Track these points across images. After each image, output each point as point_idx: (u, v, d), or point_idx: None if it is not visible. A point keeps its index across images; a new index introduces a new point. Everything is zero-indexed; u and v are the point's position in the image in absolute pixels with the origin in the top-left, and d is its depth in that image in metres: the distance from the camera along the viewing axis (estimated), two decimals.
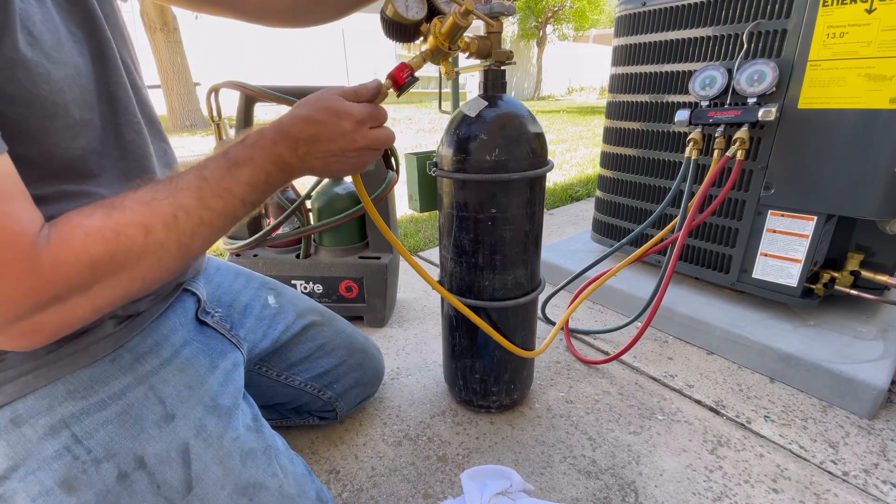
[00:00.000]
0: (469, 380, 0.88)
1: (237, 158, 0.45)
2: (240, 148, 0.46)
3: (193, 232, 0.42)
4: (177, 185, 0.42)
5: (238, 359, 0.61)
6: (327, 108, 0.48)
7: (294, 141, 0.47)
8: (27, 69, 0.36)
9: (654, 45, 1.15)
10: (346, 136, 0.48)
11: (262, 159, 0.46)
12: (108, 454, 0.44)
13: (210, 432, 0.50)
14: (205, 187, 0.43)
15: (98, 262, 0.36)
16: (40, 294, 0.34)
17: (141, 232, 0.38)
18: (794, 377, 0.97)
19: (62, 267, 0.35)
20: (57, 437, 0.43)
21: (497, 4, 0.65)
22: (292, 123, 0.47)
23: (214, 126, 1.17)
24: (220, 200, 0.43)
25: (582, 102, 11.49)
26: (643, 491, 0.74)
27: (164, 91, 6.02)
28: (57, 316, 0.36)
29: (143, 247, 0.39)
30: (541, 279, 0.86)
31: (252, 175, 0.45)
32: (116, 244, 0.37)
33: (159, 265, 0.41)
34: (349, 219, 1.06)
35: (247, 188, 0.45)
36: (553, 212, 2.28)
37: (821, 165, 0.92)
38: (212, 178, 0.43)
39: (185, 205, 0.41)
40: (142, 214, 0.39)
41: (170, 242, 0.40)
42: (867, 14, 0.81)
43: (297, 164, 0.48)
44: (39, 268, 0.34)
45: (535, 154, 0.73)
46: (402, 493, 0.74)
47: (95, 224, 0.37)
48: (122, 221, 0.38)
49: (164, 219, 0.40)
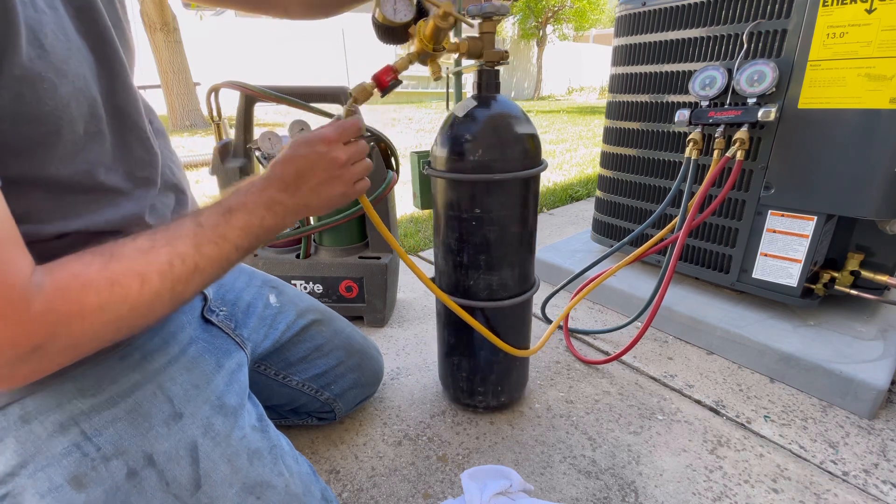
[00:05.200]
0: (457, 377, 0.89)
1: (231, 206, 0.47)
2: (233, 196, 0.48)
3: (188, 279, 0.42)
4: (175, 233, 0.43)
5: (242, 359, 0.61)
6: (302, 142, 0.52)
7: (280, 180, 0.50)
8: (32, 85, 0.35)
9: (654, 45, 1.15)
10: (325, 157, 0.52)
11: (255, 204, 0.48)
12: (118, 451, 0.44)
13: (217, 431, 0.50)
14: (201, 234, 0.44)
15: (90, 312, 0.36)
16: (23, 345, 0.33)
17: (137, 282, 0.38)
18: (794, 377, 0.97)
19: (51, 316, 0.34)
20: (66, 434, 0.43)
21: (488, 5, 0.65)
22: (276, 166, 0.51)
23: (214, 126, 1.17)
24: (214, 247, 0.44)
25: (582, 102, 11.49)
26: (643, 491, 0.74)
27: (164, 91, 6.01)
28: (34, 365, 0.35)
29: (137, 297, 0.39)
30: (535, 280, 0.85)
31: (246, 220, 0.47)
32: (110, 295, 0.37)
33: (150, 314, 0.41)
34: (349, 219, 1.06)
35: (240, 233, 0.47)
36: (553, 212, 2.28)
37: (821, 165, 0.92)
38: (207, 224, 0.45)
39: (182, 252, 0.42)
40: (139, 263, 0.39)
41: (164, 291, 0.41)
42: (867, 14, 0.81)
43: (290, 202, 0.50)
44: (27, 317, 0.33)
45: (527, 154, 0.73)
46: (402, 493, 0.74)
47: (93, 275, 0.36)
48: (119, 271, 0.38)
49: (160, 267, 0.40)
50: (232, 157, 1.16)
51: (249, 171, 1.18)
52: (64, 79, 0.38)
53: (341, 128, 0.54)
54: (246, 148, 1.16)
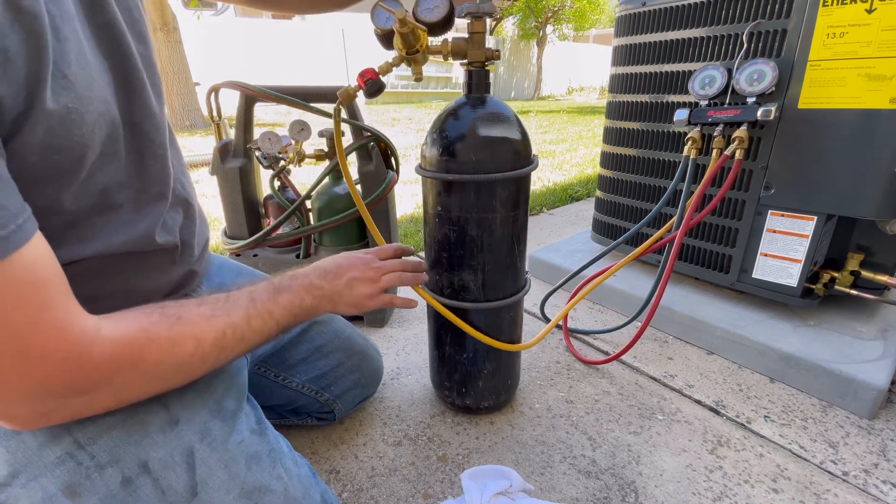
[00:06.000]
0: (440, 374, 0.89)
1: (280, 286, 0.54)
2: (283, 278, 0.56)
3: (233, 348, 0.47)
4: (233, 304, 0.48)
5: (241, 361, 0.60)
6: (349, 253, 0.65)
7: (324, 271, 0.59)
8: (61, 118, 0.35)
9: (654, 45, 1.15)
10: (362, 260, 0.63)
11: (299, 287, 0.55)
12: (112, 459, 0.44)
13: (215, 436, 0.50)
14: (251, 308, 0.49)
15: (147, 366, 0.39)
16: (78, 383, 0.35)
17: (193, 345, 0.42)
18: (794, 377, 0.97)
19: (112, 364, 0.36)
20: (59, 443, 0.43)
21: (470, 5, 0.65)
22: (322, 261, 0.61)
23: (214, 126, 1.17)
24: (261, 321, 0.49)
25: (582, 102, 11.49)
26: (643, 491, 0.74)
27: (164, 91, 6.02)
28: (76, 407, 0.38)
29: (188, 359, 0.42)
30: (525, 281, 0.85)
31: (290, 300, 0.53)
32: (169, 354, 0.40)
33: (191, 375, 0.45)
34: (349, 219, 1.06)
35: (283, 312, 0.52)
36: (553, 212, 2.28)
37: (821, 165, 0.92)
38: (259, 300, 0.50)
39: (235, 322, 0.46)
40: (200, 329, 0.43)
41: (210, 357, 0.44)
42: (867, 14, 0.81)
43: (326, 288, 0.58)
44: (90, 360, 0.35)
45: (516, 155, 0.72)
46: (402, 493, 0.74)
47: (160, 332, 0.40)
48: (183, 334, 0.41)
49: (215, 335, 0.44)
50: (232, 157, 1.16)
51: (249, 171, 1.18)
52: (89, 105, 0.38)
53: (381, 248, 0.68)
54: (246, 148, 1.16)
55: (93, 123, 0.38)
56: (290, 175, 1.19)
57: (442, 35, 0.67)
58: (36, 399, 0.35)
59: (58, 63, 0.35)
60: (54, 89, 0.34)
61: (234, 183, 1.16)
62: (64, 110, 0.35)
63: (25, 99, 0.32)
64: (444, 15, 0.62)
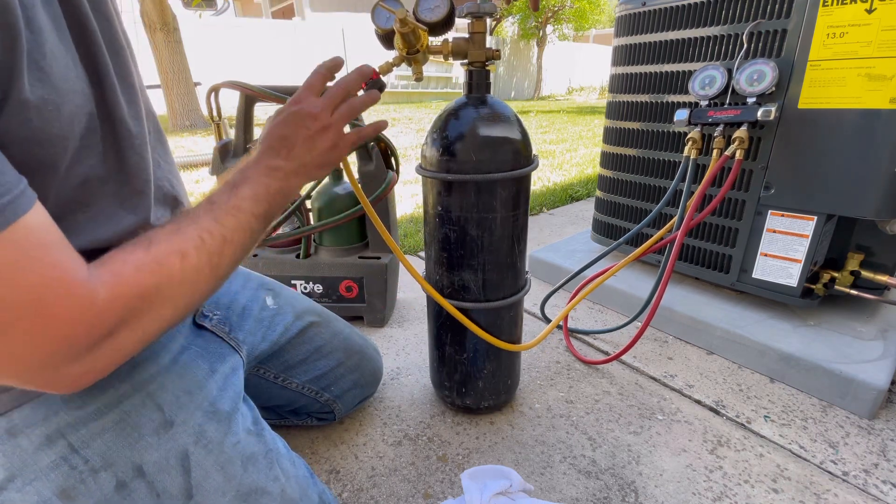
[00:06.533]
0: (440, 374, 0.89)
1: (234, 181, 0.49)
2: (235, 173, 0.50)
3: (220, 251, 0.44)
4: (194, 215, 0.45)
5: (237, 362, 0.60)
6: (276, 111, 0.54)
7: (269, 148, 0.51)
8: (38, 109, 0.35)
9: (654, 45, 1.15)
10: (299, 114, 0.52)
11: (255, 174, 0.49)
12: (106, 463, 0.44)
13: (210, 438, 0.49)
14: (217, 209, 0.46)
15: (147, 293, 0.38)
16: (97, 332, 0.35)
17: (178, 259, 0.40)
18: (794, 377, 0.97)
19: (118, 301, 0.36)
20: (53, 447, 0.43)
21: (471, 5, 0.65)
22: (261, 140, 0.52)
23: (214, 126, 1.17)
24: (233, 218, 0.46)
25: (582, 102, 11.49)
26: (643, 491, 0.74)
27: (164, 91, 6.01)
28: (109, 352, 0.37)
29: (181, 273, 0.40)
30: (525, 281, 0.85)
31: (252, 190, 0.48)
32: (161, 275, 0.39)
33: (195, 289, 0.43)
34: (349, 219, 1.06)
35: (252, 202, 0.48)
36: (553, 212, 2.28)
37: (821, 165, 0.92)
38: (219, 201, 0.47)
39: (207, 227, 0.44)
40: (175, 243, 0.41)
41: (202, 265, 0.42)
42: (867, 14, 0.81)
43: (286, 164, 0.51)
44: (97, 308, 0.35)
45: (517, 155, 0.72)
46: (402, 493, 0.74)
47: (141, 257, 0.38)
48: (162, 251, 0.40)
49: (193, 243, 0.42)
50: (232, 157, 1.16)
51: None
52: (66, 97, 0.37)
53: (307, 84, 0.55)
54: (246, 148, 1.16)
55: (70, 115, 0.38)
56: None
57: (442, 35, 0.67)
58: (70, 357, 0.35)
59: (32, 54, 0.34)
60: (30, 81, 0.34)
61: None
62: (41, 102, 0.35)
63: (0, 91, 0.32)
64: (444, 15, 0.62)
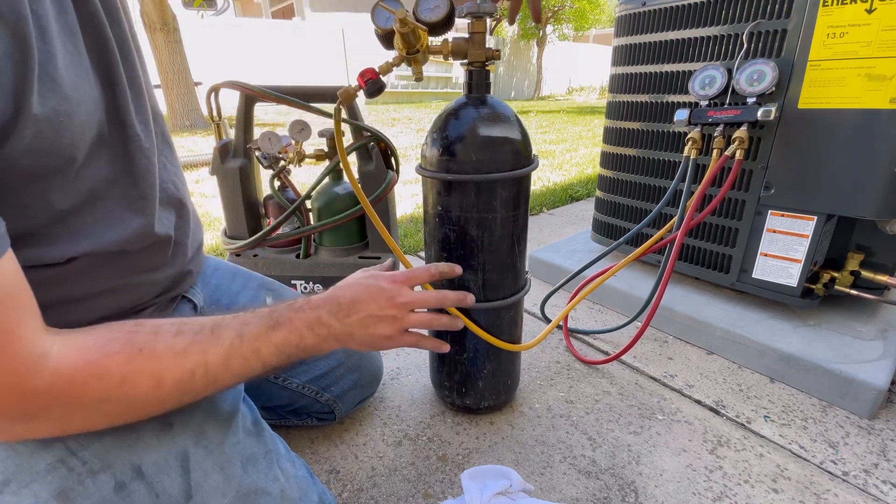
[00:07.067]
0: (440, 374, 0.89)
1: (280, 319, 0.47)
2: (284, 310, 0.49)
3: (199, 391, 0.42)
4: (215, 338, 0.43)
5: None
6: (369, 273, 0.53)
7: (336, 303, 0.51)
8: (49, 121, 0.34)
9: (654, 45, 1.15)
10: (385, 293, 0.52)
11: (301, 322, 0.48)
12: (105, 465, 0.44)
13: (210, 439, 0.49)
14: (236, 345, 0.44)
15: (90, 402, 0.36)
16: (16, 413, 0.34)
17: (149, 385, 0.38)
18: (794, 377, 0.97)
19: (49, 397, 0.34)
20: (50, 450, 0.43)
21: (471, 5, 0.65)
22: (336, 288, 0.52)
23: (214, 126, 1.17)
24: (242, 362, 0.44)
25: (582, 102, 11.49)
26: (643, 491, 0.74)
27: (164, 91, 6.01)
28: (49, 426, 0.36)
29: (142, 398, 0.39)
30: (525, 281, 0.85)
31: (285, 338, 0.47)
32: (118, 391, 0.37)
33: (145, 413, 0.41)
34: (349, 219, 1.06)
35: (274, 351, 0.46)
36: (553, 212, 2.28)
37: (821, 165, 0.92)
38: (248, 335, 0.45)
39: (209, 362, 0.42)
40: (164, 367, 0.39)
41: (170, 400, 0.41)
42: (867, 14, 0.81)
43: (336, 326, 0.50)
44: (26, 389, 0.33)
45: (517, 155, 0.72)
46: (402, 493, 0.74)
47: (111, 367, 0.36)
48: (139, 370, 0.38)
49: (180, 375, 0.40)
50: (232, 157, 1.16)
51: (249, 171, 1.18)
52: (77, 107, 0.37)
53: (411, 273, 0.55)
54: (246, 148, 1.16)
55: (81, 125, 0.38)
56: (291, 175, 1.19)
57: (442, 35, 0.67)
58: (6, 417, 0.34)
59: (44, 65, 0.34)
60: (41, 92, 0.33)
61: (234, 183, 1.16)
62: (52, 113, 0.34)
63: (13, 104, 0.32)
64: (444, 15, 0.62)
